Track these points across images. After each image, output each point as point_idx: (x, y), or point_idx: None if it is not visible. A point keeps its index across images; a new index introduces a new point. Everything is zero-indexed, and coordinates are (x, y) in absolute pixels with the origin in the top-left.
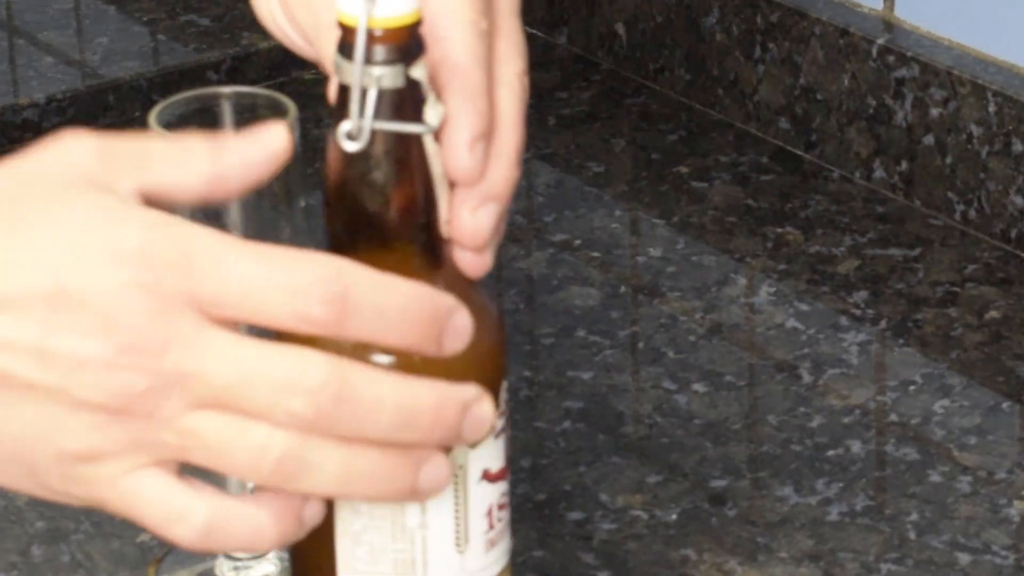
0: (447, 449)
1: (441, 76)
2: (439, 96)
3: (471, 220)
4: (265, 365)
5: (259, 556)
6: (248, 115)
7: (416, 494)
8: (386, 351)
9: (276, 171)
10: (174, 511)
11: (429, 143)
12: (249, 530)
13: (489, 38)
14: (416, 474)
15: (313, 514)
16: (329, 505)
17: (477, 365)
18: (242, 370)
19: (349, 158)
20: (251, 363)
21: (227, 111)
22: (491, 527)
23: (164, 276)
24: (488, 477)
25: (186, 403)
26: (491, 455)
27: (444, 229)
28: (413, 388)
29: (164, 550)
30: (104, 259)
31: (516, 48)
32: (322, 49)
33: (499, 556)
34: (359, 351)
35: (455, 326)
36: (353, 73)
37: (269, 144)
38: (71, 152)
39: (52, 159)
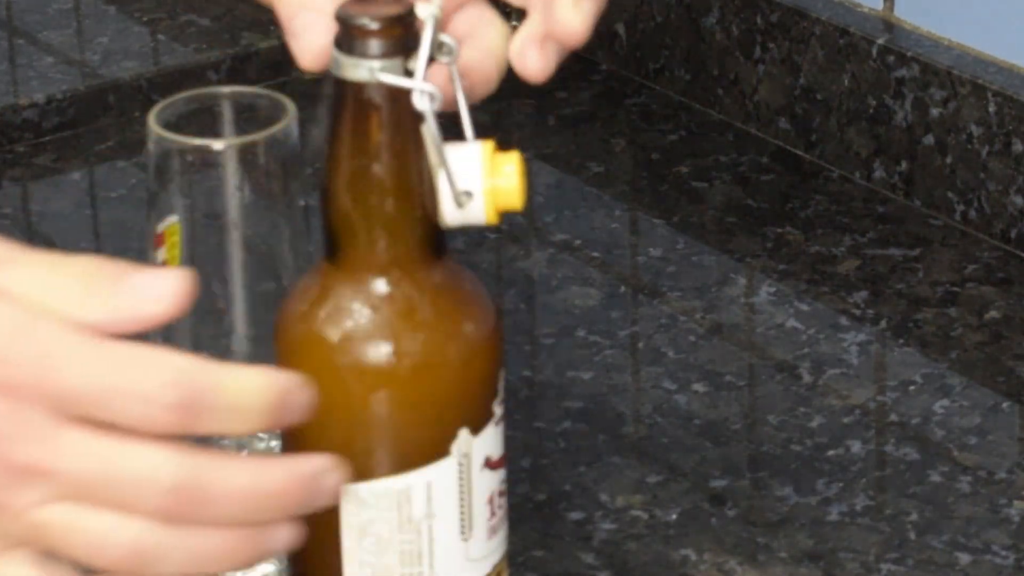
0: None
1: None
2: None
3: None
4: (118, 464)
5: None
6: (248, 115)
7: (265, 557)
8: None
9: (171, 318)
10: None
11: (426, 133)
12: None
13: None
14: (265, 543)
15: None
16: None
17: (472, 355)
18: (95, 468)
19: (347, 151)
20: (104, 462)
21: (227, 111)
22: (492, 515)
23: (20, 375)
24: (489, 465)
25: (40, 497)
26: (493, 442)
27: (442, 220)
28: (262, 473)
29: None
30: None
31: None
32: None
33: (499, 544)
34: None
35: (293, 404)
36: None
37: (166, 288)
38: None
39: None
